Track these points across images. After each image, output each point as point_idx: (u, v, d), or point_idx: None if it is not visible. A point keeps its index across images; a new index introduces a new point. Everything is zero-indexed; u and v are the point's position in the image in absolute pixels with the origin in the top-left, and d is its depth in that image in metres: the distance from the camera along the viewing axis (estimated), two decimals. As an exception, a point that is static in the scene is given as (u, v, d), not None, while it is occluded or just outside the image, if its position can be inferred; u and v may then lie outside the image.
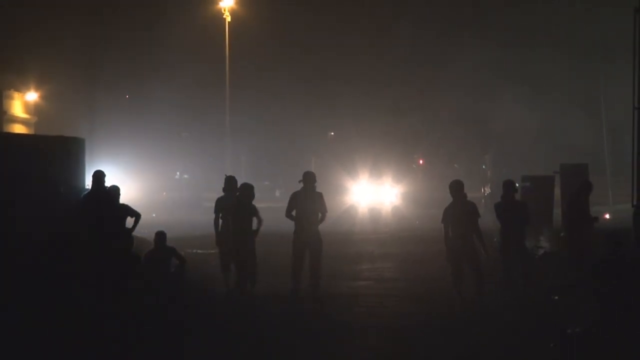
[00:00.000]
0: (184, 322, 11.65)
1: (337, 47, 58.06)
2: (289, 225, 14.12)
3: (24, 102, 49.23)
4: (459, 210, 13.64)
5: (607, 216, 33.53)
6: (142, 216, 14.59)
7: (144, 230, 23.61)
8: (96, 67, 56.52)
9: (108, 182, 14.31)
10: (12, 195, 13.23)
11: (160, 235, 13.64)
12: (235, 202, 13.86)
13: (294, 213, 13.91)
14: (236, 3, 48.89)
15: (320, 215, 13.91)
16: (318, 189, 14.04)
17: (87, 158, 15.56)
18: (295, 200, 13.88)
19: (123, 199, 14.68)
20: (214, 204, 14.48)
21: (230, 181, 14.69)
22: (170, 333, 11.04)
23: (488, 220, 17.84)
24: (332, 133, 64.66)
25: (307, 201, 13.82)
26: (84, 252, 12.48)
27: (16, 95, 48.08)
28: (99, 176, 14.05)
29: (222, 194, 14.70)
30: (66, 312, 10.99)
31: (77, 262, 12.16)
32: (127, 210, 14.28)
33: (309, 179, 13.92)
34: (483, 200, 44.45)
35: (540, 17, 54.50)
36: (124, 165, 44.57)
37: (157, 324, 11.25)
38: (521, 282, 13.85)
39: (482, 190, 45.64)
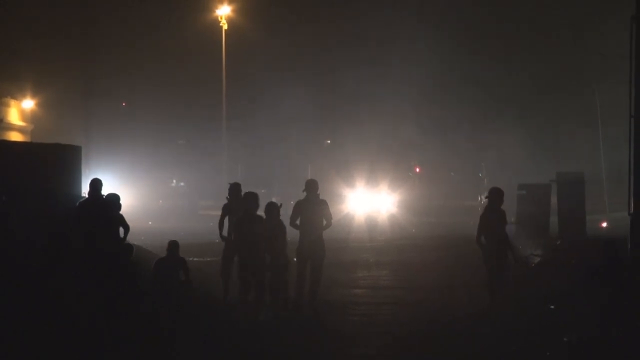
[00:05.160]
0: (183, 327, 11.65)
1: (333, 54, 58.11)
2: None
3: (20, 109, 49.20)
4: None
5: (604, 224, 33.59)
6: (139, 224, 14.57)
7: (142, 237, 23.64)
8: (92, 75, 56.57)
9: (104, 190, 14.30)
10: (8, 202, 13.23)
11: (173, 245, 13.62)
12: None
13: (298, 222, 13.86)
14: (233, 11, 48.99)
15: (325, 222, 13.86)
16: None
17: (83, 166, 15.55)
18: (300, 209, 13.83)
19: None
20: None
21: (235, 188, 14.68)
22: (166, 339, 11.05)
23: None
24: (329, 141, 64.65)
25: (311, 209, 13.78)
26: (79, 259, 12.48)
27: (12, 102, 48.04)
28: (95, 184, 14.06)
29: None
30: (61, 317, 11.00)
31: (72, 268, 12.16)
32: (121, 221, 14.26)
33: (311, 186, 13.90)
34: (480, 208, 44.49)
35: (538, 23, 54.68)
36: (119, 173, 44.54)
37: (154, 330, 11.25)
38: None
39: (479, 198, 45.66)
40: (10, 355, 10.14)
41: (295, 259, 14.20)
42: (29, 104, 50.11)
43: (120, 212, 14.31)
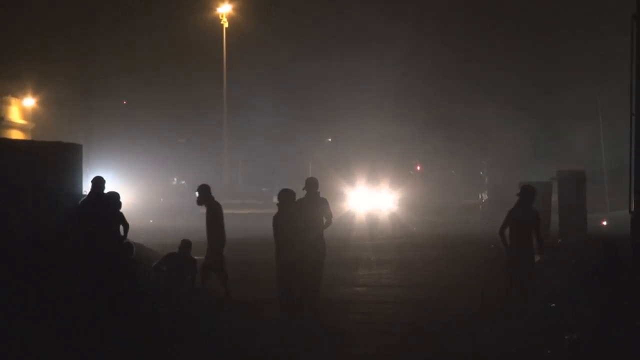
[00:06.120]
0: (183, 327, 11.65)
1: (335, 53, 58.11)
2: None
3: (21, 108, 49.18)
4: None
5: (605, 223, 33.60)
6: (140, 222, 14.58)
7: (142, 235, 23.61)
8: (93, 74, 56.58)
9: (105, 189, 14.30)
10: (8, 200, 13.21)
11: (186, 244, 13.65)
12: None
13: None
14: (234, 10, 48.99)
15: (325, 220, 13.83)
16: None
17: (83, 164, 15.53)
18: (300, 207, 13.80)
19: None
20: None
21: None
22: (166, 339, 11.05)
23: (485, 226, 17.82)
24: (330, 139, 64.63)
25: (311, 207, 13.75)
26: (79, 259, 12.48)
27: (13, 101, 48.02)
28: (98, 182, 14.06)
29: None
30: (61, 317, 11.01)
31: (72, 268, 12.17)
32: (121, 219, 14.27)
33: (311, 184, 13.88)
34: (481, 207, 44.55)
35: (539, 24, 54.72)
36: (120, 171, 44.56)
37: (154, 330, 11.26)
38: None
39: (480, 196, 45.68)
40: (10, 355, 10.15)
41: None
42: (30, 102, 50.09)
43: (121, 210, 14.32)
